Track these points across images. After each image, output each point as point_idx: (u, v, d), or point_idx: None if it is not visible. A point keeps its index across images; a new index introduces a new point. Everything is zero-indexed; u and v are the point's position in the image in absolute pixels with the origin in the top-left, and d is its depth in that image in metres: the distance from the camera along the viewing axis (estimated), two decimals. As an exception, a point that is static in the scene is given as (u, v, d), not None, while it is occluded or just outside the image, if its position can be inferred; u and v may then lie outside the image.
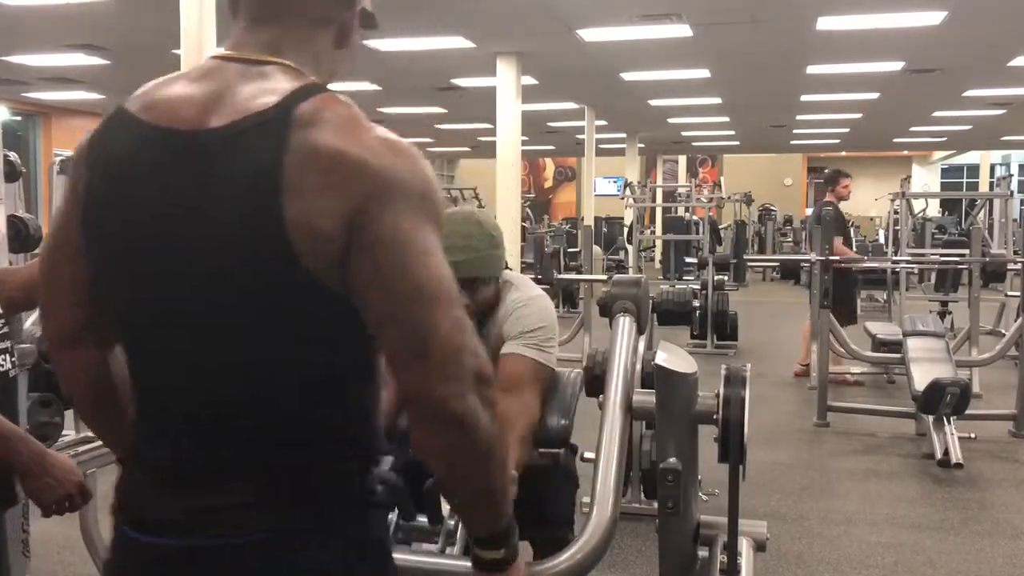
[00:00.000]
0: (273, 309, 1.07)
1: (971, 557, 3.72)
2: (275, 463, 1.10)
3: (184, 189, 1.07)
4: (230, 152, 1.05)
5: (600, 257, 15.64)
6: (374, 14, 1.27)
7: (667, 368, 1.64)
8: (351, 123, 1.07)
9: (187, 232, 1.07)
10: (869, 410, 6.00)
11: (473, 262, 2.21)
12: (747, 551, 1.79)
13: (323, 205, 1.02)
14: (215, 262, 1.06)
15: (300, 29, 1.15)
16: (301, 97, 1.06)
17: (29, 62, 10.90)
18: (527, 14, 8.32)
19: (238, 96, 1.08)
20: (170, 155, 1.08)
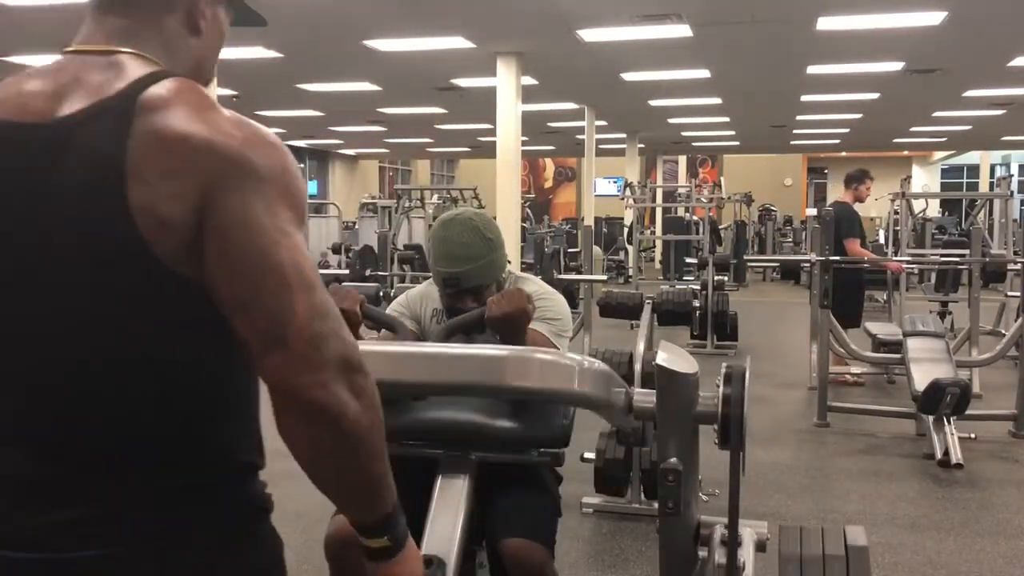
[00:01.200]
0: (124, 302, 1.00)
1: (971, 557, 3.72)
2: (120, 473, 1.02)
3: (27, 182, 1.01)
4: (73, 141, 1.00)
5: (600, 257, 15.64)
6: (254, 10, 1.26)
7: (668, 368, 1.64)
8: (199, 106, 1.01)
9: (28, 226, 1.01)
10: (869, 410, 5.99)
11: (476, 272, 2.23)
12: (748, 551, 1.79)
13: (168, 190, 0.97)
14: (59, 258, 1.00)
15: (146, 16, 1.11)
16: (148, 83, 1.02)
17: (29, 62, 10.90)
18: (527, 14, 8.33)
19: (85, 87, 1.04)
20: (13, 148, 1.03)
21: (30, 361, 1.03)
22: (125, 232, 0.97)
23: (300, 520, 3.77)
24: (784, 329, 10.37)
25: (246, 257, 0.97)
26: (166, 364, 1.03)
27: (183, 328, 1.03)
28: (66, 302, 1.01)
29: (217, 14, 1.19)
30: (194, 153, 0.98)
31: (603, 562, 3.65)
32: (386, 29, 8.92)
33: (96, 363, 1.02)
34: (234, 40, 9.00)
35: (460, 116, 15.44)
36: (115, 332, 1.01)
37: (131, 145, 0.97)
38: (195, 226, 0.98)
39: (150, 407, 1.03)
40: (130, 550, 1.01)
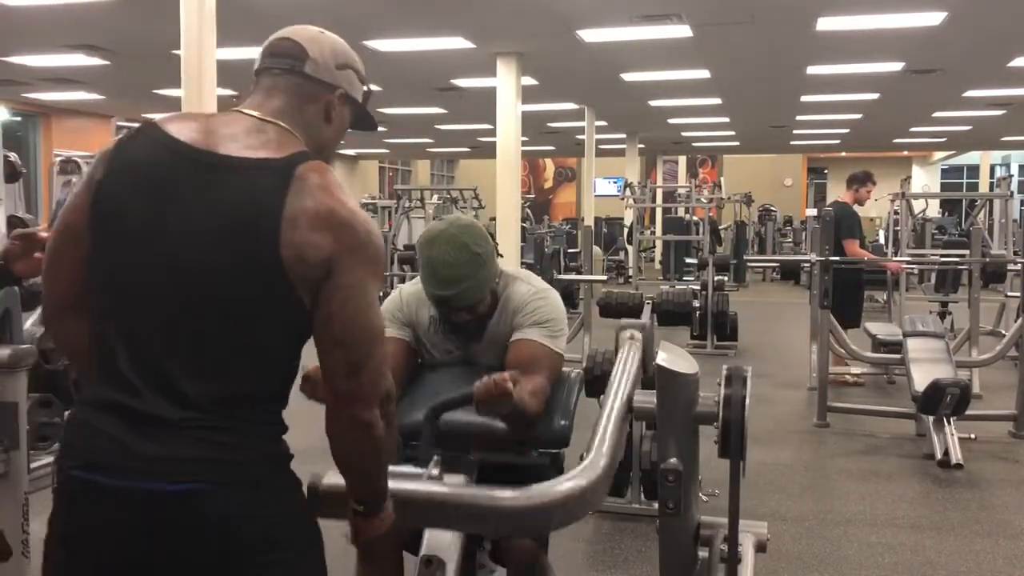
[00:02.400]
0: (258, 301, 1.38)
1: (971, 557, 3.72)
2: (228, 423, 1.38)
3: (188, 190, 1.39)
4: (236, 176, 1.39)
5: (600, 258, 15.63)
6: (372, 117, 1.67)
7: (668, 368, 1.64)
8: (336, 188, 1.42)
9: (183, 222, 1.38)
10: (869, 411, 5.99)
11: (465, 292, 2.21)
12: (748, 551, 1.79)
13: (311, 239, 1.36)
14: (214, 251, 1.37)
15: (296, 103, 1.51)
16: (301, 159, 1.42)
17: (29, 62, 10.90)
18: (527, 14, 8.33)
19: (248, 140, 1.43)
20: (180, 161, 1.41)
21: (170, 325, 1.39)
22: (273, 252, 1.35)
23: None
24: (784, 329, 10.37)
25: (354, 315, 1.40)
26: (269, 349, 1.43)
27: (286, 330, 1.43)
28: (209, 284, 1.37)
29: (344, 112, 1.59)
30: (336, 223, 1.39)
31: (603, 562, 3.65)
32: (386, 29, 8.92)
33: (223, 335, 1.39)
34: (234, 40, 8.96)
35: (460, 116, 15.44)
36: (244, 316, 1.39)
37: (288, 199, 1.37)
38: (323, 274, 1.38)
39: (250, 377, 1.41)
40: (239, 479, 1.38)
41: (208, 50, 6.32)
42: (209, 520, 1.35)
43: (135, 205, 1.40)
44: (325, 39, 1.58)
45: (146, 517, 1.35)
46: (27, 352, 2.81)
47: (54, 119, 15.41)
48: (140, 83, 12.07)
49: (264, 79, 1.52)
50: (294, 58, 1.52)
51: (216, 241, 1.37)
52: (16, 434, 2.74)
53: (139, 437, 1.36)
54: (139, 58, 10.40)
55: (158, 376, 1.38)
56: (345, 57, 1.59)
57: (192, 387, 1.37)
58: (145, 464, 1.35)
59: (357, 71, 1.62)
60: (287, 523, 1.44)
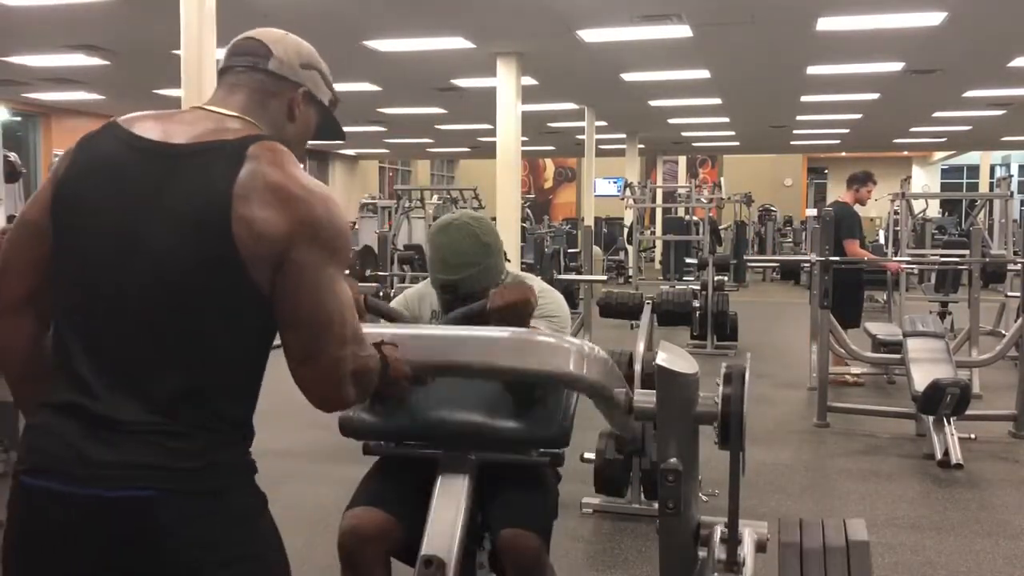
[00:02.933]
0: (209, 285, 1.35)
1: (971, 558, 3.72)
2: (186, 428, 1.34)
3: (148, 181, 1.38)
4: (191, 162, 1.38)
5: (600, 258, 15.63)
6: (337, 122, 1.66)
7: (668, 368, 1.64)
8: (289, 164, 1.41)
9: (144, 214, 1.36)
10: (869, 411, 5.99)
11: (473, 278, 2.23)
12: (748, 550, 1.79)
13: (264, 214, 1.33)
14: (167, 242, 1.35)
15: (258, 99, 1.51)
16: (253, 139, 1.41)
17: (29, 62, 10.90)
18: (527, 14, 8.33)
19: (206, 130, 1.43)
20: (140, 155, 1.40)
21: (124, 321, 1.36)
22: (223, 234, 1.32)
23: (301, 523, 3.78)
24: (784, 329, 10.37)
25: (308, 293, 1.36)
26: (231, 346, 1.38)
27: (245, 321, 1.38)
28: (164, 276, 1.35)
29: (308, 113, 1.59)
30: (289, 199, 1.36)
31: (603, 562, 3.64)
32: (386, 29, 8.92)
33: (178, 329, 1.35)
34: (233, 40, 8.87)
35: (460, 116, 15.44)
36: (198, 307, 1.35)
37: (240, 177, 1.35)
38: (279, 253, 1.34)
39: (210, 374, 1.37)
40: (180, 487, 1.33)
41: (208, 50, 6.32)
42: (157, 529, 1.32)
43: (98, 200, 1.40)
44: (290, 39, 1.58)
45: (95, 525, 1.32)
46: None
47: (54, 119, 15.41)
48: (140, 83, 12.08)
49: (228, 77, 1.53)
50: (257, 55, 1.53)
51: (173, 231, 1.35)
52: (16, 434, 2.74)
53: (93, 441, 1.33)
54: (139, 58, 10.40)
55: (118, 377, 1.35)
56: (310, 57, 1.58)
57: (151, 389, 1.34)
58: (95, 469, 1.31)
59: (322, 73, 1.61)
60: (241, 535, 1.39)
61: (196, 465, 1.33)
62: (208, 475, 1.34)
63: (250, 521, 1.41)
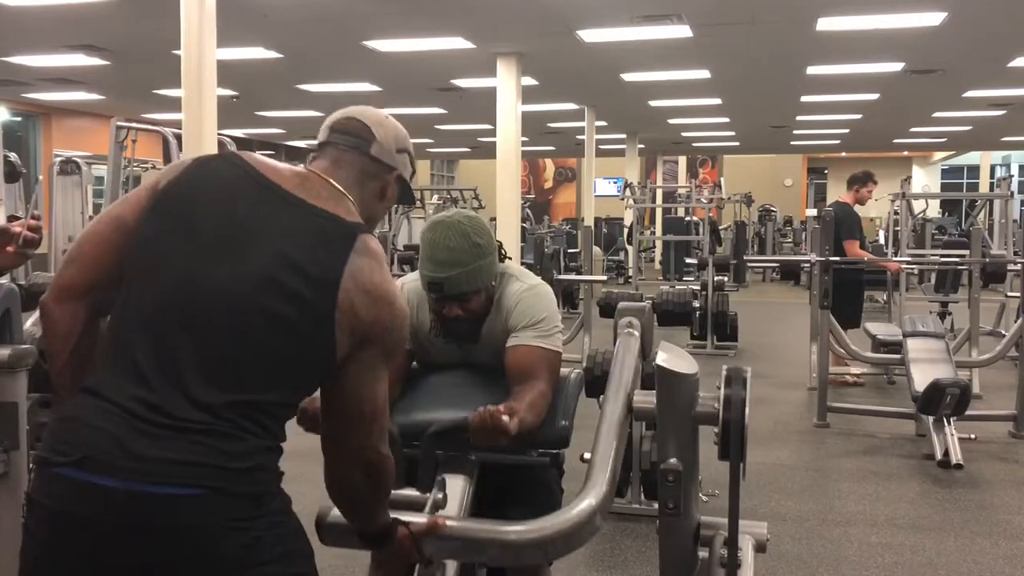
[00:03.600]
0: (300, 331, 1.45)
1: (971, 558, 3.72)
2: (235, 430, 1.40)
3: (261, 213, 1.49)
4: (312, 219, 1.51)
5: (600, 258, 15.63)
6: (412, 192, 1.78)
7: (668, 368, 1.64)
8: (384, 268, 1.55)
9: (254, 238, 1.47)
10: (869, 411, 5.99)
11: (459, 278, 2.19)
12: (748, 551, 1.79)
13: (360, 300, 1.47)
14: (273, 272, 1.45)
15: (358, 178, 1.63)
16: (363, 229, 1.55)
17: (29, 62, 10.89)
18: (527, 14, 8.33)
19: (318, 192, 1.55)
20: (257, 187, 1.52)
21: (208, 324, 1.43)
22: (331, 290, 1.45)
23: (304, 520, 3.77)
24: (784, 330, 10.37)
25: (356, 385, 1.51)
26: (297, 377, 1.49)
27: (317, 364, 1.49)
28: (264, 296, 1.43)
29: (395, 190, 1.71)
30: (379, 299, 1.50)
31: (603, 562, 3.64)
32: (386, 29, 8.92)
33: (256, 349, 1.44)
34: (234, 40, 8.94)
35: (460, 117, 15.43)
36: (280, 332, 1.45)
37: (352, 254, 1.48)
38: (360, 336, 1.48)
39: (268, 388, 1.45)
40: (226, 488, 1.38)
41: (208, 50, 6.31)
42: (203, 527, 1.35)
43: (206, 212, 1.49)
44: (389, 124, 1.69)
45: (132, 518, 1.33)
46: (27, 352, 2.81)
47: (54, 119, 15.40)
48: (140, 83, 12.07)
49: (329, 151, 1.64)
50: (361, 138, 1.64)
51: (283, 267, 1.45)
52: (16, 434, 2.74)
53: (138, 435, 1.35)
54: (139, 58, 10.40)
55: (178, 376, 1.39)
56: (404, 142, 1.71)
57: (209, 391, 1.39)
58: (140, 463, 1.34)
59: (411, 155, 1.74)
60: (277, 535, 1.44)
61: (245, 466, 1.39)
62: (255, 477, 1.41)
63: (284, 522, 1.48)
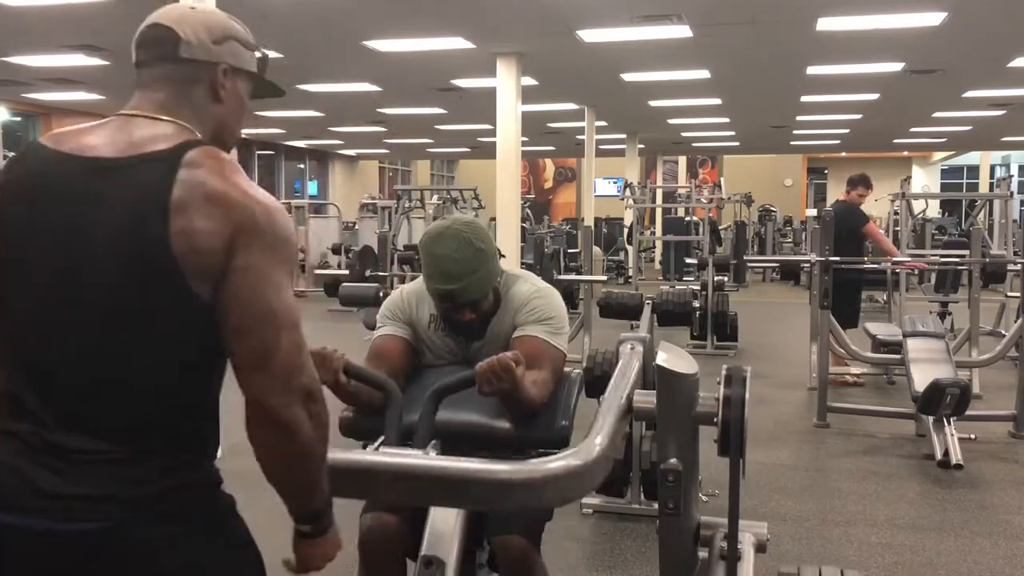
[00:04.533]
0: (150, 304, 1.29)
1: (971, 558, 3.72)
2: (135, 454, 1.28)
3: (82, 200, 1.32)
4: (126, 176, 1.31)
5: (600, 258, 15.63)
6: (271, 82, 1.60)
7: (668, 368, 1.63)
8: (228, 170, 1.34)
9: (78, 236, 1.30)
10: (869, 411, 5.99)
11: (470, 287, 2.21)
12: (748, 551, 1.79)
13: (205, 226, 1.27)
14: (105, 262, 1.29)
15: (178, 89, 1.43)
16: (189, 146, 1.34)
17: (29, 62, 10.89)
18: (527, 14, 8.32)
19: (135, 139, 1.35)
20: (73, 173, 1.34)
21: (66, 347, 1.30)
22: (162, 249, 1.26)
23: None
24: (784, 330, 10.37)
25: (253, 298, 1.29)
26: (180, 362, 1.32)
27: (190, 335, 1.31)
28: (103, 297, 1.29)
29: (236, 85, 1.49)
30: (229, 206, 1.29)
31: (603, 563, 3.64)
32: (386, 29, 8.92)
33: (121, 353, 1.29)
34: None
35: (460, 117, 15.43)
36: (140, 327, 1.29)
37: (175, 189, 1.28)
38: (222, 262, 1.28)
39: (158, 396, 1.31)
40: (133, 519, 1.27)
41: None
42: (114, 560, 1.27)
43: (29, 225, 1.32)
44: (196, 15, 1.45)
45: (50, 560, 1.26)
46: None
47: (54, 119, 15.40)
48: (140, 83, 12.06)
49: (142, 73, 1.45)
50: (165, 43, 1.42)
51: (109, 249, 1.29)
52: None
53: (44, 471, 1.27)
54: (139, 58, 10.40)
55: (65, 405, 1.29)
56: (222, 29, 1.46)
57: (99, 416, 1.29)
58: (45, 501, 1.26)
59: (240, 39, 1.49)
60: (210, 552, 1.34)
61: (149, 492, 1.28)
62: (163, 500, 1.29)
63: (218, 537, 1.37)
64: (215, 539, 1.36)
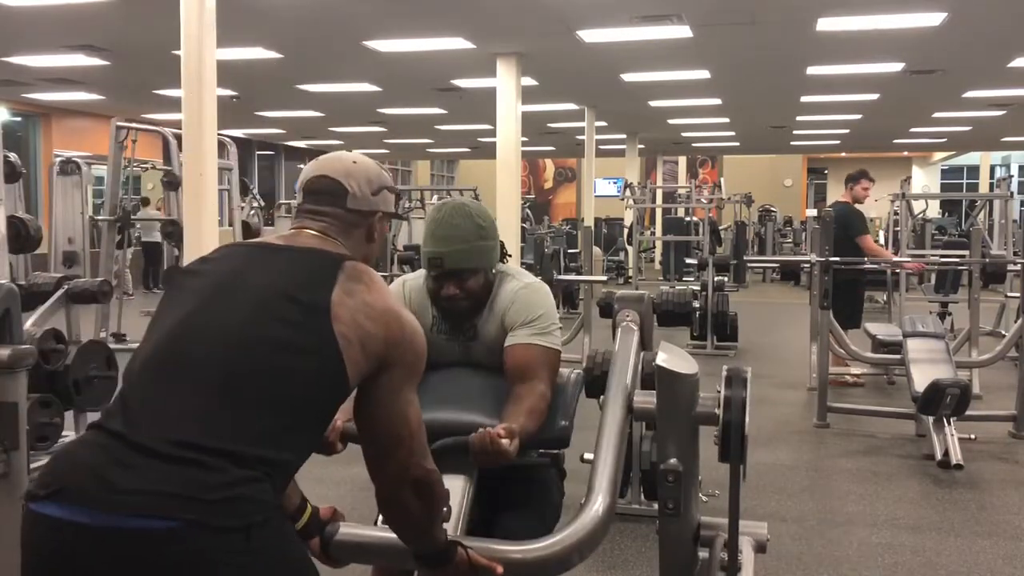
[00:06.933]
0: (299, 358, 1.45)
1: (971, 558, 3.72)
2: (212, 459, 1.35)
3: (247, 264, 1.56)
4: (298, 257, 1.57)
5: (600, 258, 15.63)
6: (399, 213, 1.79)
7: (668, 369, 1.63)
8: (383, 286, 1.57)
9: (241, 280, 1.53)
10: (869, 411, 5.99)
11: (457, 254, 2.20)
12: (748, 552, 1.79)
13: (364, 322, 1.48)
14: (269, 304, 1.48)
15: (341, 229, 1.68)
16: (348, 257, 1.58)
17: (29, 62, 10.90)
18: (527, 14, 8.33)
19: (304, 242, 1.62)
20: (246, 248, 1.66)
21: (209, 348, 1.44)
22: (324, 323, 1.46)
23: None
24: (784, 330, 10.37)
25: (388, 413, 1.54)
26: (293, 401, 1.45)
27: (321, 390, 1.47)
28: (261, 320, 1.47)
29: (383, 226, 1.76)
30: (388, 311, 1.53)
31: (603, 563, 3.64)
32: (386, 30, 8.92)
33: (258, 367, 1.44)
34: (234, 40, 8.94)
35: (460, 117, 15.43)
36: (282, 362, 1.44)
37: (339, 281, 1.50)
38: (375, 366, 1.50)
39: (266, 420, 1.42)
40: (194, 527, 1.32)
41: (208, 50, 6.31)
42: (171, 564, 1.29)
43: (208, 274, 1.57)
44: (359, 170, 1.72)
45: (105, 556, 1.29)
46: (27, 352, 2.81)
47: (54, 119, 15.40)
48: (140, 83, 12.07)
49: (308, 209, 1.69)
50: (335, 195, 1.68)
51: (271, 298, 1.48)
52: (16, 434, 2.74)
53: (114, 465, 1.32)
54: (139, 58, 10.40)
55: (165, 417, 1.38)
56: (379, 181, 1.74)
57: (194, 430, 1.36)
58: (111, 495, 1.29)
59: (390, 188, 1.76)
60: (269, 570, 1.38)
61: (223, 496, 1.32)
62: (236, 508, 1.33)
63: (279, 560, 1.41)
64: (274, 556, 1.40)
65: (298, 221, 1.68)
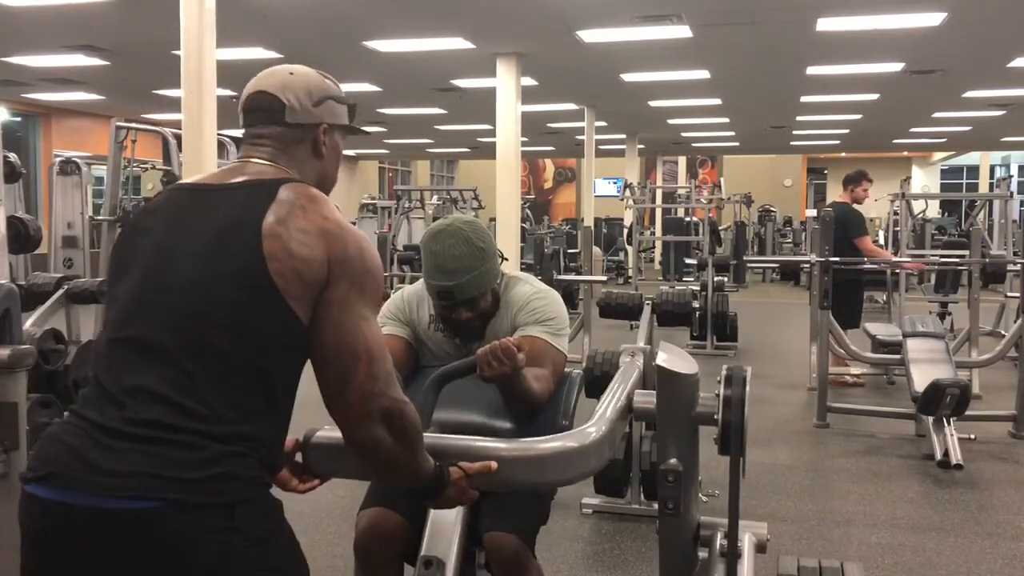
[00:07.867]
0: (244, 313, 1.38)
1: (971, 558, 3.72)
2: (192, 439, 1.33)
3: (183, 214, 1.48)
4: (232, 196, 1.47)
5: (600, 258, 15.63)
6: (359, 127, 1.72)
7: (668, 368, 1.63)
8: (322, 203, 1.47)
9: (180, 236, 1.45)
10: (869, 411, 5.99)
11: (467, 285, 2.22)
12: (748, 552, 1.79)
13: (299, 238, 1.39)
14: (206, 263, 1.40)
15: (283, 147, 1.57)
16: (286, 181, 1.49)
17: (29, 62, 10.90)
18: (527, 14, 8.33)
19: (242, 174, 1.53)
20: (180, 195, 1.55)
21: (162, 319, 1.39)
22: (258, 262, 1.38)
23: (301, 523, 3.77)
24: (784, 330, 10.37)
25: (337, 330, 1.40)
26: (251, 364, 1.39)
27: (276, 344, 1.40)
28: (205, 299, 1.38)
29: (333, 140, 1.63)
30: (326, 231, 1.42)
31: (603, 563, 3.64)
32: (386, 30, 8.92)
33: (211, 334, 1.38)
34: (234, 40, 8.93)
35: (460, 117, 15.44)
36: (230, 321, 1.38)
37: (271, 211, 1.41)
38: (318, 289, 1.40)
39: (238, 390, 1.37)
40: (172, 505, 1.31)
41: (208, 50, 6.32)
42: (154, 543, 1.29)
43: (147, 232, 1.49)
44: (296, 80, 1.61)
45: (92, 535, 1.31)
46: (27, 352, 2.81)
47: (54, 119, 15.40)
48: (140, 83, 12.07)
49: (249, 133, 1.59)
50: (272, 110, 1.57)
51: (206, 255, 1.41)
52: (16, 434, 2.74)
53: (97, 447, 1.32)
54: (139, 58, 10.40)
55: (143, 392, 1.35)
56: (320, 91, 1.62)
57: (166, 401, 1.34)
58: (94, 476, 1.30)
59: (335, 97, 1.64)
60: (252, 555, 1.36)
61: (205, 475, 1.31)
62: (219, 487, 1.32)
63: (265, 539, 1.39)
64: (257, 535, 1.37)
65: (243, 150, 1.58)
